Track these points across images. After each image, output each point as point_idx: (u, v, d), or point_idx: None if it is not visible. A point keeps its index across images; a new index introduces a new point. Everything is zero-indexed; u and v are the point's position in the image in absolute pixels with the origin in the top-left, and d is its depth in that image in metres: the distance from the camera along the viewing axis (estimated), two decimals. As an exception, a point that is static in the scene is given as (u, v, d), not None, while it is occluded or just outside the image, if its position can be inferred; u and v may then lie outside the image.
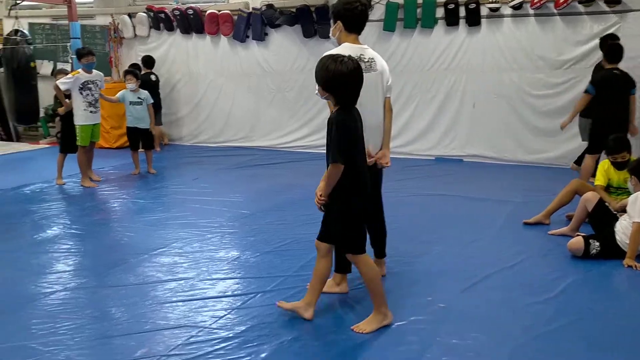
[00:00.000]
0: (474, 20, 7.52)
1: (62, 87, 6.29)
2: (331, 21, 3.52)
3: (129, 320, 3.19)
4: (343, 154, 2.88)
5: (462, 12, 7.55)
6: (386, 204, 3.77)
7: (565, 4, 6.99)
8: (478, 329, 3.07)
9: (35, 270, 3.96)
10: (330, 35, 3.57)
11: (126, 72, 7.30)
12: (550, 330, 3.06)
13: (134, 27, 9.46)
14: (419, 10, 7.74)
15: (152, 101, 7.22)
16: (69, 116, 6.48)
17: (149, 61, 8.86)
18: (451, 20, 7.64)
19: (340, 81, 2.88)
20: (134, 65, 9.26)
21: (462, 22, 7.62)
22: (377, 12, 7.87)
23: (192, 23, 9.02)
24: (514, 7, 7.30)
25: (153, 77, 8.79)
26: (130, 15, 9.43)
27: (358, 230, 3.08)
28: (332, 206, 3.02)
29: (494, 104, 7.61)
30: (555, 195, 4.97)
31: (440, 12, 7.68)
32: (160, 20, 9.21)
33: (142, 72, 8.75)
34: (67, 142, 6.56)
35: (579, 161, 6.36)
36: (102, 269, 3.98)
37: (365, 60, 3.38)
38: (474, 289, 3.61)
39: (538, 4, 7.13)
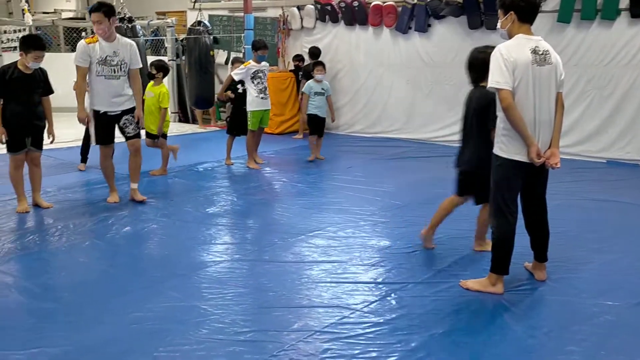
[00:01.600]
0: (664, 11, 6.75)
1: (236, 78, 6.78)
2: (499, 12, 3.39)
3: (287, 294, 3.39)
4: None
5: (652, 1, 6.81)
6: (551, 207, 3.57)
7: None
8: (651, 350, 2.80)
9: (206, 240, 4.36)
10: (498, 26, 3.44)
11: (316, 64, 7.59)
12: None
13: (301, 19, 9.89)
14: (599, 0, 7.12)
15: (331, 93, 7.55)
16: (238, 102, 6.98)
17: (315, 52, 9.20)
18: (637, 11, 6.92)
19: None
20: (298, 56, 9.72)
21: (650, 13, 6.86)
22: (551, 2, 7.39)
23: (356, 15, 9.20)
24: None
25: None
26: (299, 8, 9.87)
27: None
28: None
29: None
30: None
31: (624, 1, 7.00)
32: (326, 12, 9.52)
33: (306, 63, 9.15)
34: (235, 125, 7.08)
35: None
36: (263, 244, 4.27)
37: (540, 52, 3.23)
38: (647, 306, 3.29)
39: None
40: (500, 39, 3.43)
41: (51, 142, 5.21)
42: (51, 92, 5.06)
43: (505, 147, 3.28)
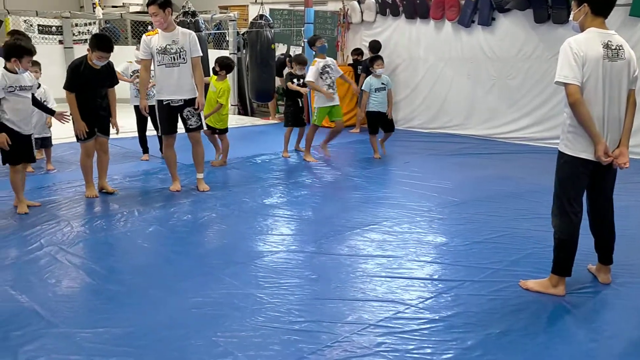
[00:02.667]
0: None
1: (313, 79, 6.72)
2: (573, 4, 3.27)
3: (341, 287, 3.41)
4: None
5: None
6: (617, 208, 3.42)
7: None
8: None
9: (263, 230, 4.44)
10: (570, 19, 3.32)
11: (374, 58, 7.45)
12: None
13: (361, 12, 9.86)
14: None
15: (392, 86, 7.48)
16: (294, 94, 7.07)
17: (375, 46, 9.15)
18: None
19: None
20: (357, 50, 9.69)
21: None
22: (624, -6, 7.07)
23: (417, 8, 9.09)
24: None
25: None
26: (359, 1, 9.84)
27: None
28: None
29: None
30: None
31: None
32: (387, 6, 9.45)
33: (366, 57, 9.12)
34: (291, 117, 7.18)
35: None
36: (319, 236, 4.31)
37: (613, 47, 3.10)
38: None
39: None
40: (569, 32, 3.31)
41: (117, 133, 5.45)
42: (116, 82, 5.28)
43: (571, 144, 3.17)
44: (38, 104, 4.99)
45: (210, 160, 6.52)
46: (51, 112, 5.09)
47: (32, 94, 4.77)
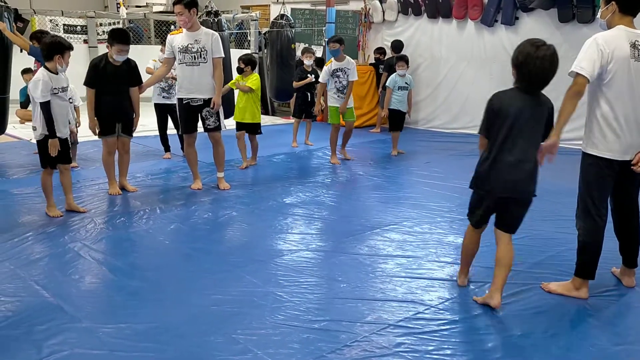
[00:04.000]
0: None
1: (323, 81, 6.74)
2: (601, 2, 3.23)
3: (361, 286, 3.41)
4: (484, 130, 3.06)
5: None
6: (644, 211, 3.37)
7: None
8: None
9: (282, 229, 4.45)
10: (598, 16, 3.28)
11: (398, 58, 7.63)
12: None
13: (383, 12, 9.82)
14: None
15: (414, 86, 7.59)
16: (304, 87, 7.55)
17: (398, 45, 9.11)
18: None
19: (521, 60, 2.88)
20: (380, 49, 9.67)
21: None
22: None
23: (440, 7, 9.03)
24: None
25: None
26: (381, 1, 9.81)
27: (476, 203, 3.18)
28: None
29: None
30: None
31: None
32: (409, 5, 9.41)
33: (387, 57, 9.09)
34: (298, 109, 7.68)
35: None
36: (339, 236, 4.31)
37: (639, 47, 3.04)
38: None
39: None
40: (594, 32, 3.26)
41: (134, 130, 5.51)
42: (140, 82, 5.29)
43: (594, 145, 3.13)
44: None
45: (238, 165, 6.50)
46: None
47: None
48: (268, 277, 3.51)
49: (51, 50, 4.37)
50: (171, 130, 6.79)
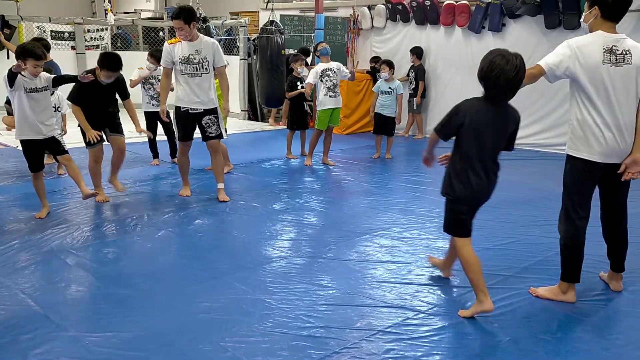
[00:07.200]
0: None
1: (312, 81, 6.84)
2: (586, 5, 3.25)
3: (350, 292, 3.40)
4: (442, 130, 3.18)
5: None
6: (631, 215, 3.39)
7: None
8: None
9: (272, 236, 4.44)
10: (581, 21, 3.31)
11: (382, 62, 7.66)
12: None
13: (372, 18, 9.87)
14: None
15: (402, 92, 7.59)
16: (297, 98, 7.31)
17: (418, 52, 9.14)
18: None
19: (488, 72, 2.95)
20: (376, 58, 9.69)
21: None
22: (637, 1, 7.00)
23: (427, 14, 9.09)
24: None
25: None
26: (370, 7, 9.86)
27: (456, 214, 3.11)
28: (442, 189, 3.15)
29: None
30: None
31: None
32: (397, 12, 9.46)
33: (373, 65, 9.14)
34: (294, 120, 7.42)
35: None
36: (328, 242, 4.30)
37: (618, 52, 3.05)
38: None
39: None
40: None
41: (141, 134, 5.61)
42: (127, 96, 5.32)
43: (574, 145, 3.15)
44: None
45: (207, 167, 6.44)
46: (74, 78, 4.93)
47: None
48: (257, 284, 3.49)
49: (18, 53, 4.50)
50: (160, 136, 6.76)
